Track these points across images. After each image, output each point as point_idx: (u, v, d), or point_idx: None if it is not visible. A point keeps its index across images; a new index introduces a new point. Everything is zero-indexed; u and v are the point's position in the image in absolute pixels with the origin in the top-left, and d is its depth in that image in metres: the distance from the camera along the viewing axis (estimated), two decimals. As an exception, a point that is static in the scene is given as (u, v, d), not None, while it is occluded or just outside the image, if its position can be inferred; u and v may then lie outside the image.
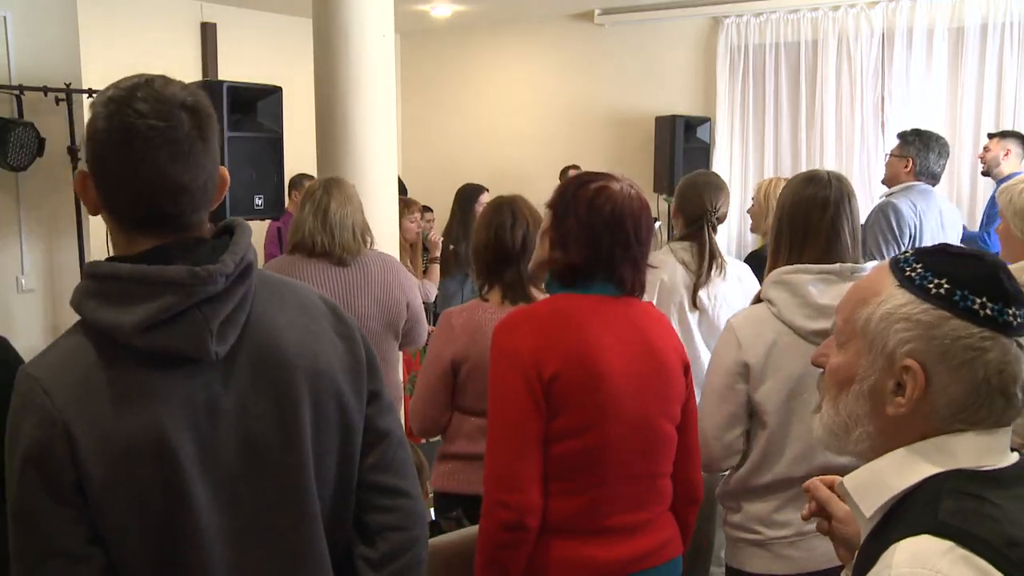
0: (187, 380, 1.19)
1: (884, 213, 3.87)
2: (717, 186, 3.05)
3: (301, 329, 1.30)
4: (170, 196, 1.19)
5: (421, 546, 1.40)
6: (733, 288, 2.99)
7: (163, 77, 1.22)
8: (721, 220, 3.03)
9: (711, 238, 2.96)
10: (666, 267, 2.95)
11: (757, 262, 3.20)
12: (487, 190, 5.63)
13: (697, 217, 2.98)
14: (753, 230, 3.54)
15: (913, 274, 1.04)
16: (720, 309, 2.95)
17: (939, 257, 1.05)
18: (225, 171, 1.27)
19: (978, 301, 1.00)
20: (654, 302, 2.94)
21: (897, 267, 1.07)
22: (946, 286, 1.02)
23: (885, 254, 3.72)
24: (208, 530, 1.19)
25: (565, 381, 1.75)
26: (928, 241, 3.88)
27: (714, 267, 2.94)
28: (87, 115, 1.21)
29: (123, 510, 1.15)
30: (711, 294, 2.95)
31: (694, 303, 2.92)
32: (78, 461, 1.13)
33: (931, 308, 1.02)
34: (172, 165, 1.17)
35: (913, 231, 3.84)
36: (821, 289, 1.99)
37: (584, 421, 1.76)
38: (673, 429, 1.89)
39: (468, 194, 5.64)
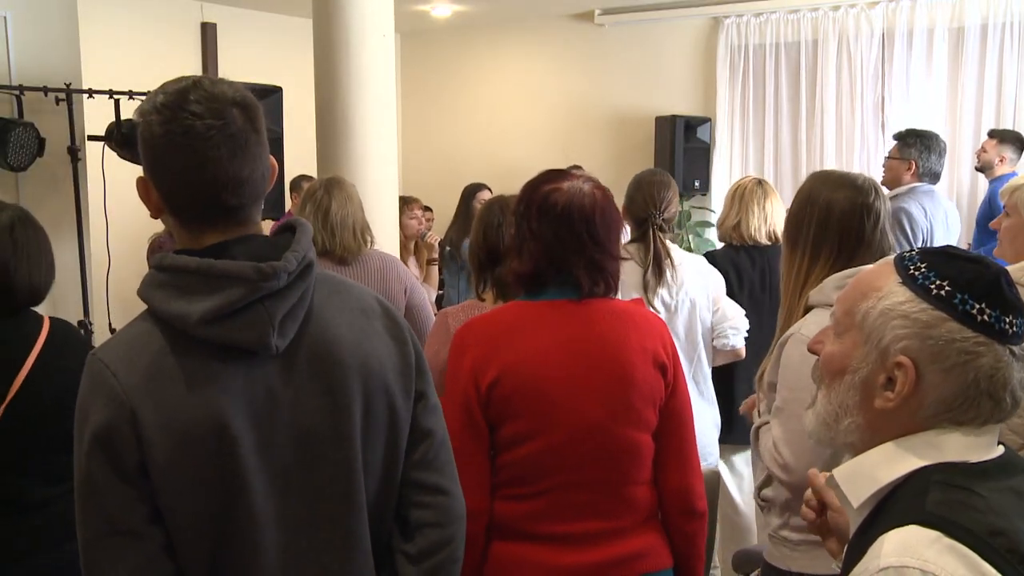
0: (247, 371, 1.24)
1: (897, 219, 3.85)
2: (665, 184, 3.01)
3: (356, 329, 1.35)
4: (232, 190, 1.25)
5: (458, 543, 1.45)
6: (694, 283, 2.98)
7: (207, 77, 1.27)
8: (669, 221, 2.99)
9: (656, 239, 2.92)
10: (624, 268, 2.93)
11: (711, 261, 3.20)
12: (487, 188, 5.64)
13: (643, 219, 2.96)
14: (718, 226, 3.49)
15: (916, 273, 1.06)
16: (683, 307, 2.95)
17: (943, 258, 1.07)
18: (274, 160, 1.33)
19: (977, 306, 1.02)
20: None
21: (901, 264, 1.09)
22: (947, 288, 1.03)
23: None
24: (262, 515, 1.24)
25: (504, 389, 1.74)
26: (939, 242, 3.89)
27: (664, 268, 2.90)
28: (87, 115, 1.24)
29: (183, 492, 1.20)
30: (672, 294, 2.94)
31: (649, 302, 2.91)
32: (143, 442, 1.18)
33: (930, 308, 1.03)
34: (232, 161, 1.23)
35: (925, 235, 3.84)
36: None
37: (527, 428, 1.75)
38: (641, 435, 1.81)
39: (469, 192, 5.67)
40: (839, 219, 1.98)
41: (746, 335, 3.14)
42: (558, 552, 1.77)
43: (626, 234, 2.76)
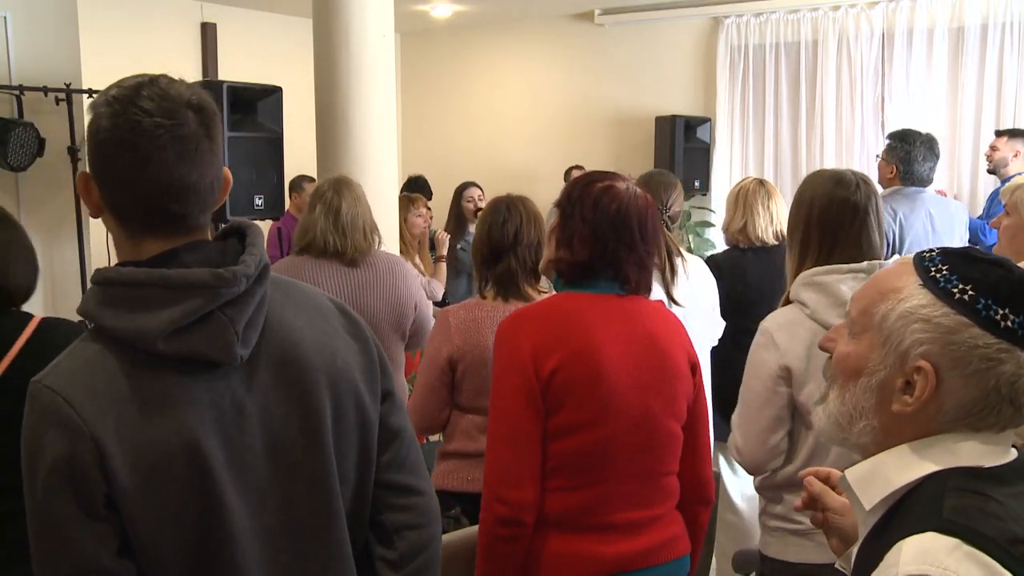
0: (211, 384, 1.17)
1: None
2: (669, 184, 3.02)
3: (317, 330, 1.29)
4: (177, 196, 1.17)
5: (437, 543, 1.41)
6: (697, 283, 2.99)
7: (166, 76, 1.20)
8: (673, 219, 3.01)
9: (666, 237, 2.93)
10: None
11: (713, 264, 3.19)
12: (476, 185, 5.65)
13: None
14: (724, 229, 3.49)
15: (938, 275, 1.03)
16: (693, 306, 2.96)
17: (965, 260, 1.04)
18: (228, 171, 1.26)
19: (1000, 312, 0.99)
20: None
21: (922, 265, 1.06)
22: (970, 292, 1.00)
23: None
24: (242, 534, 1.19)
25: (565, 377, 1.76)
26: (914, 245, 3.86)
27: (674, 264, 2.92)
28: (87, 115, 1.20)
29: (156, 519, 1.13)
30: (687, 292, 2.94)
31: (672, 297, 2.92)
32: (109, 474, 1.10)
33: (952, 313, 1.00)
34: (179, 164, 1.15)
35: (891, 238, 3.82)
36: (852, 288, 1.99)
37: (585, 417, 1.77)
38: (679, 427, 1.89)
39: (457, 190, 5.70)
40: (819, 214, 2.06)
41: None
42: (605, 542, 1.80)
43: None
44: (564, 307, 1.85)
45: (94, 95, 4.28)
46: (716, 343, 3.16)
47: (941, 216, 3.99)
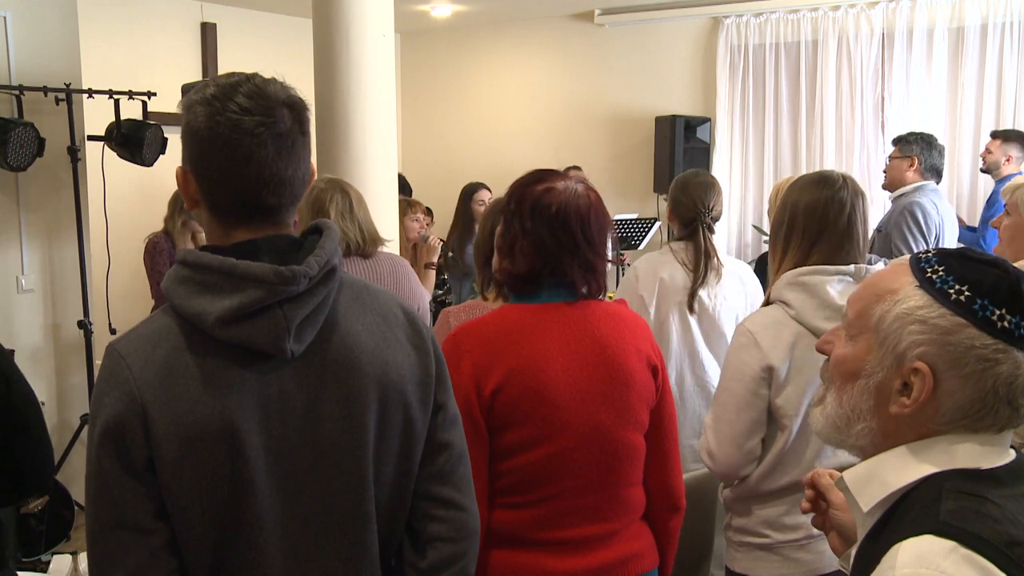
0: (262, 374, 1.23)
1: (911, 212, 3.84)
2: (709, 185, 3.03)
3: (377, 336, 1.33)
4: (274, 189, 1.23)
5: (470, 559, 1.43)
6: (734, 288, 2.99)
7: (259, 75, 1.28)
8: (716, 219, 3.02)
9: (707, 239, 2.94)
10: (666, 267, 2.94)
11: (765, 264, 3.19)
12: (486, 187, 5.63)
13: (691, 219, 2.97)
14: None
15: (935, 276, 1.03)
16: (721, 309, 2.95)
17: (962, 262, 1.04)
18: (313, 164, 1.32)
19: (997, 312, 0.99)
20: (654, 301, 2.93)
21: (918, 266, 1.06)
22: (967, 293, 1.00)
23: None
24: (268, 519, 1.23)
25: (508, 395, 1.71)
26: (948, 240, 3.89)
27: (710, 268, 2.92)
28: (87, 115, 1.22)
29: (188, 491, 1.19)
30: (711, 294, 2.94)
31: (692, 304, 2.92)
32: (152, 439, 1.18)
33: (949, 314, 1.00)
34: (278, 160, 1.22)
35: (938, 230, 3.84)
36: (839, 290, 1.96)
37: (532, 434, 1.72)
38: (637, 436, 1.82)
39: (467, 192, 5.64)
40: (803, 213, 2.04)
41: None
42: (559, 558, 1.75)
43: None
44: (506, 322, 1.77)
45: (94, 95, 4.29)
46: None
47: (949, 214, 4.02)
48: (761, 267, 3.28)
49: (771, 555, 2.04)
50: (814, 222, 2.02)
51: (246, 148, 1.20)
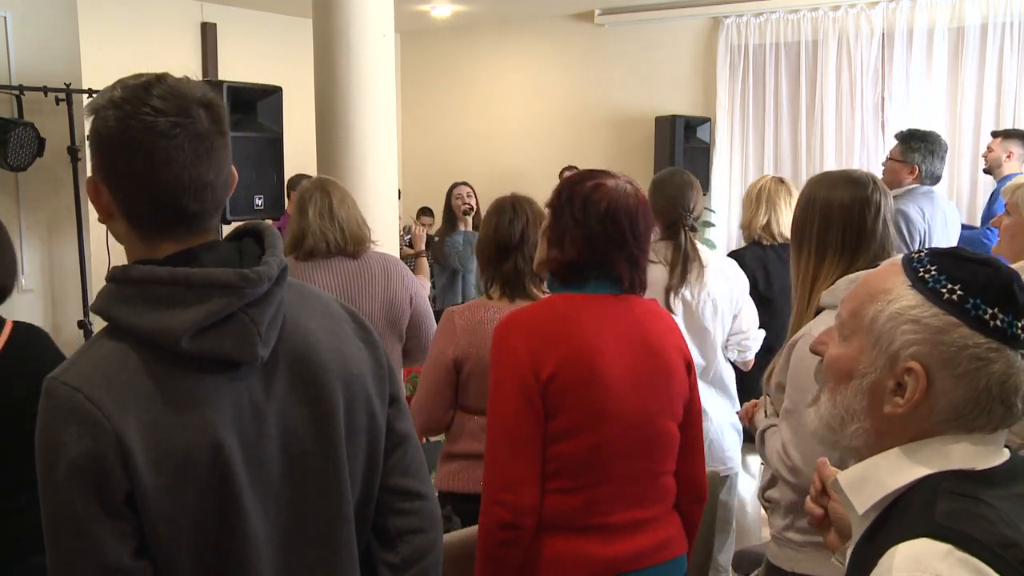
0: (232, 384, 1.17)
1: (894, 221, 3.83)
2: (689, 184, 3.01)
3: (330, 334, 1.29)
4: (195, 194, 1.15)
5: (439, 547, 1.42)
6: (719, 285, 2.98)
7: (170, 75, 1.19)
8: (697, 219, 3.01)
9: (687, 239, 2.94)
10: (653, 267, 2.94)
11: (739, 261, 3.20)
12: (465, 184, 5.64)
13: (673, 221, 2.97)
14: (745, 227, 3.51)
15: (927, 276, 1.03)
16: (704, 306, 2.95)
17: (954, 261, 1.04)
18: (234, 169, 1.26)
19: (989, 311, 0.99)
20: None
21: (911, 266, 1.05)
22: (959, 292, 1.00)
23: None
24: (258, 537, 1.19)
25: (563, 381, 1.75)
26: (946, 242, 3.88)
27: (690, 268, 2.92)
28: (87, 116, 1.20)
29: (176, 519, 1.12)
30: (693, 292, 2.94)
31: (669, 302, 2.91)
32: (132, 471, 1.09)
33: (941, 313, 1.00)
34: (196, 163, 1.14)
35: (923, 237, 3.83)
36: None
37: (583, 420, 1.77)
38: (675, 427, 1.89)
39: (448, 189, 5.69)
40: (839, 215, 2.00)
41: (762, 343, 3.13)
42: (603, 543, 1.80)
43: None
44: (559, 309, 1.83)
45: (94, 95, 4.28)
46: (751, 351, 3.12)
47: (951, 215, 4.01)
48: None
49: (817, 553, 1.95)
50: (852, 225, 1.99)
51: (162, 151, 1.11)
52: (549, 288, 1.96)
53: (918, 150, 3.95)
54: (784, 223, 3.28)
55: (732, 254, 3.36)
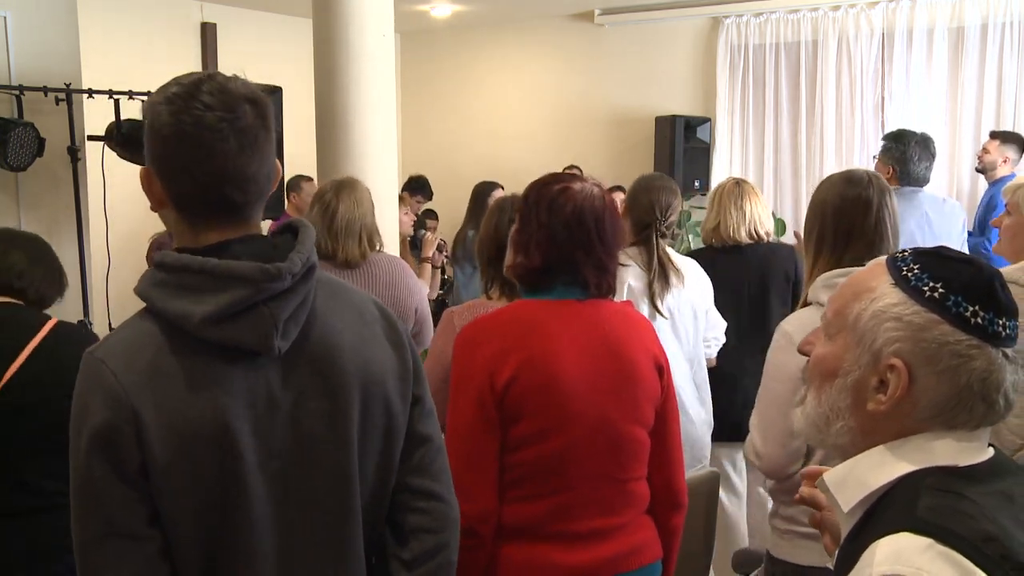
0: (249, 373, 1.23)
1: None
2: (668, 190, 3.02)
3: (356, 333, 1.34)
4: (238, 185, 1.23)
5: (452, 548, 1.45)
6: (693, 287, 2.99)
7: (221, 73, 1.26)
8: (671, 227, 3.01)
9: (658, 245, 2.94)
10: (630, 272, 2.94)
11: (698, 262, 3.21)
12: (500, 186, 5.63)
13: (646, 224, 2.97)
14: (701, 229, 3.54)
15: (909, 274, 1.05)
16: (681, 307, 2.96)
17: (937, 260, 1.05)
18: (278, 162, 1.32)
19: (970, 309, 1.01)
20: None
21: (894, 265, 1.07)
22: (940, 290, 1.02)
23: None
24: (260, 520, 1.23)
25: (521, 387, 1.74)
26: (907, 246, 3.82)
27: (666, 274, 2.91)
28: (87, 115, 1.22)
29: (182, 494, 1.19)
30: (675, 296, 2.95)
31: (656, 308, 2.92)
32: (144, 443, 1.17)
33: (923, 311, 1.02)
34: (240, 155, 1.22)
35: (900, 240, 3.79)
36: None
37: (543, 426, 1.75)
38: (643, 433, 1.86)
39: (482, 190, 5.66)
40: (832, 213, 2.06)
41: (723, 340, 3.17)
42: (568, 551, 1.78)
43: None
44: (519, 314, 1.82)
45: (94, 95, 4.28)
46: (716, 346, 3.17)
47: (938, 217, 3.95)
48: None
49: (814, 543, 2.05)
50: (844, 222, 2.04)
51: (208, 143, 1.19)
52: (521, 293, 1.94)
53: (890, 151, 3.95)
54: (732, 225, 3.32)
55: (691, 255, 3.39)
